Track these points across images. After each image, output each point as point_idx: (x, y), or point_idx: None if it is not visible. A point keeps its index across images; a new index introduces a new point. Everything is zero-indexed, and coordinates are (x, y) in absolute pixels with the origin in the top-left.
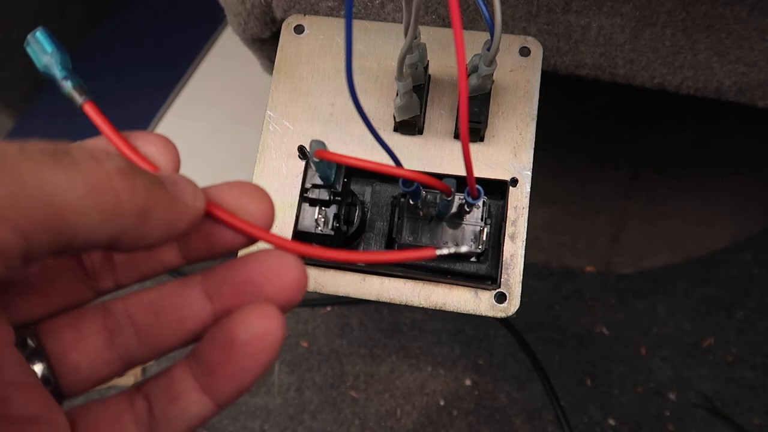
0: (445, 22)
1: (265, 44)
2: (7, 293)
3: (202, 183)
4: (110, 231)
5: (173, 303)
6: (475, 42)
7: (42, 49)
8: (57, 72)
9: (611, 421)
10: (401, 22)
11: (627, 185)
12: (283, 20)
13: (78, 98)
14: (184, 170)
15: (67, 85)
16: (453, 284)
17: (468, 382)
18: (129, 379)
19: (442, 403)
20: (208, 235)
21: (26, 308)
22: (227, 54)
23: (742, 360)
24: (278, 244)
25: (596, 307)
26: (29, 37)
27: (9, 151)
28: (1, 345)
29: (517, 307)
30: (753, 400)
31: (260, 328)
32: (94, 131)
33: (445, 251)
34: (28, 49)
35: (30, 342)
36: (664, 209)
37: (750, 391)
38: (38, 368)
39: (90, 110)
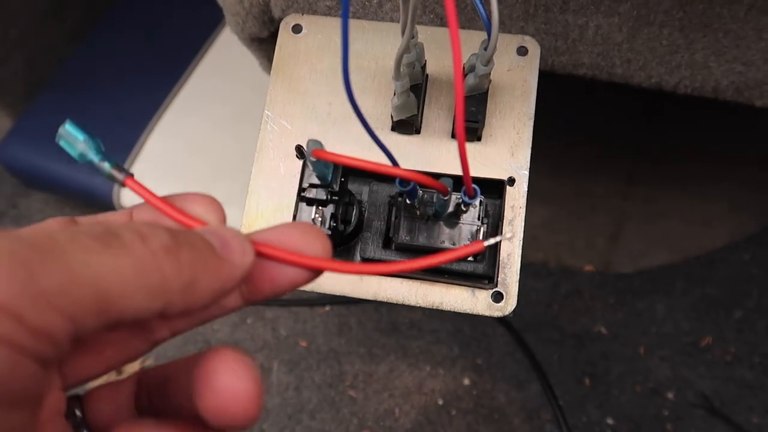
0: (443, 22)
1: (264, 44)
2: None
3: (202, 182)
4: (157, 306)
5: (178, 384)
6: (472, 41)
7: (75, 139)
8: (93, 157)
9: (610, 421)
10: (398, 22)
11: (625, 185)
12: (281, 20)
13: (118, 176)
14: (184, 169)
15: (106, 167)
16: (450, 284)
17: (466, 382)
18: (135, 365)
19: (440, 402)
20: (266, 276)
21: (82, 368)
22: (226, 53)
23: (741, 359)
24: (343, 269)
25: (595, 306)
26: (60, 130)
27: (59, 238)
28: (53, 414)
29: (514, 306)
30: (751, 400)
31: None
32: (94, 130)
33: (492, 241)
34: (61, 142)
35: (77, 412)
36: (663, 209)
37: (748, 391)
38: None
39: (133, 184)
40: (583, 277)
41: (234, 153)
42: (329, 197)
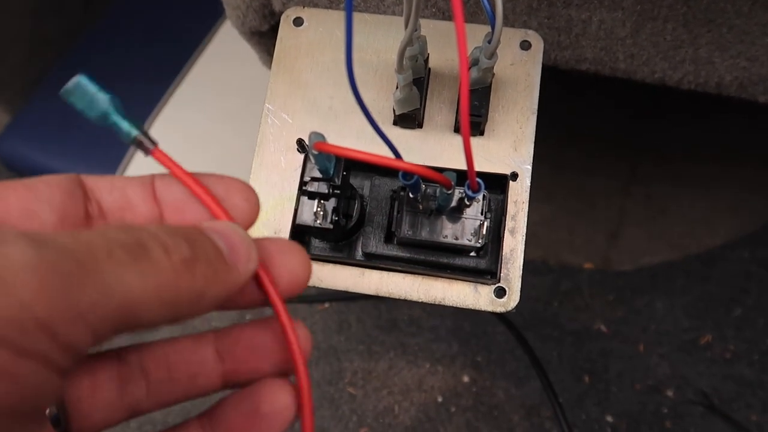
0: (445, 15)
1: (264, 37)
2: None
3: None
4: (167, 317)
5: (186, 359)
6: (475, 35)
7: (93, 95)
8: (117, 119)
9: (609, 418)
10: (401, 15)
11: (625, 182)
12: (281, 13)
13: (148, 144)
14: (184, 162)
15: (133, 131)
16: (452, 279)
17: (466, 379)
18: None
19: (440, 399)
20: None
21: None
22: (226, 47)
23: (740, 357)
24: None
25: (594, 304)
26: (71, 85)
27: (97, 252)
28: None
29: (517, 302)
30: (750, 397)
31: (283, 404)
32: (92, 129)
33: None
34: (71, 99)
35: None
36: (663, 206)
37: (747, 388)
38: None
39: (160, 156)
40: (583, 275)
41: (234, 146)
42: (331, 191)
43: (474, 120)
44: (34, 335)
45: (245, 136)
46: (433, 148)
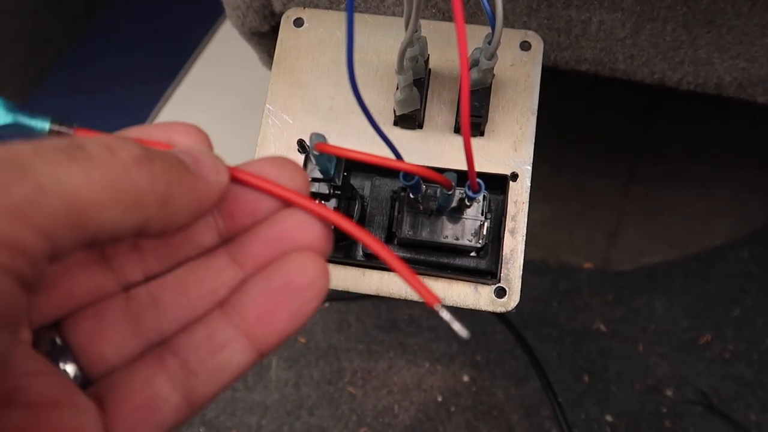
0: (445, 16)
1: (264, 38)
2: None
3: None
4: (134, 221)
5: (201, 276)
6: (475, 36)
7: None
8: (29, 121)
9: (608, 418)
10: (401, 16)
11: (625, 182)
12: (282, 13)
13: (68, 130)
14: None
15: (46, 125)
16: (453, 279)
17: (465, 379)
18: None
19: (439, 399)
20: (241, 207)
21: (48, 307)
22: (226, 47)
23: (739, 357)
24: (313, 209)
25: (594, 304)
26: None
27: (23, 152)
28: (13, 345)
29: (517, 302)
30: (750, 397)
31: (315, 272)
32: (93, 124)
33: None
34: None
35: (57, 340)
36: (662, 206)
37: (747, 388)
38: (69, 368)
39: (85, 132)
40: (582, 275)
41: (234, 146)
42: (332, 191)
43: (474, 121)
44: None
45: (245, 136)
46: (433, 149)
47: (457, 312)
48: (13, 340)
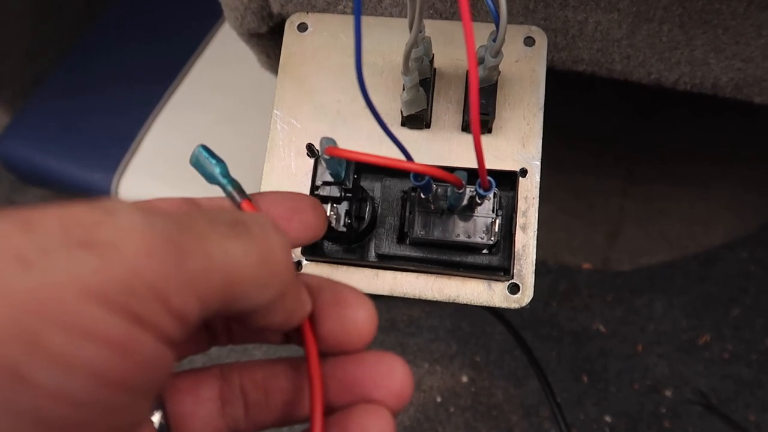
0: (443, 17)
1: (262, 39)
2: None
3: (201, 176)
4: (258, 301)
5: (284, 387)
6: (479, 34)
7: (208, 162)
8: (221, 180)
9: (608, 418)
10: (399, 16)
11: (624, 183)
12: (280, 15)
13: (237, 198)
14: (183, 163)
15: (229, 188)
16: (466, 277)
17: (465, 379)
18: None
19: (438, 399)
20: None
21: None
22: (226, 48)
23: (738, 357)
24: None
25: (593, 304)
26: (195, 154)
27: (201, 223)
28: (146, 416)
29: (531, 297)
30: (749, 397)
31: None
32: (91, 130)
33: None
34: (194, 163)
35: (161, 418)
36: (661, 206)
37: (746, 388)
38: (156, 418)
39: (247, 207)
40: (582, 275)
41: (234, 147)
42: (343, 194)
43: (482, 118)
44: (146, 301)
45: (245, 137)
46: (441, 148)
47: (457, 311)
48: (148, 411)
